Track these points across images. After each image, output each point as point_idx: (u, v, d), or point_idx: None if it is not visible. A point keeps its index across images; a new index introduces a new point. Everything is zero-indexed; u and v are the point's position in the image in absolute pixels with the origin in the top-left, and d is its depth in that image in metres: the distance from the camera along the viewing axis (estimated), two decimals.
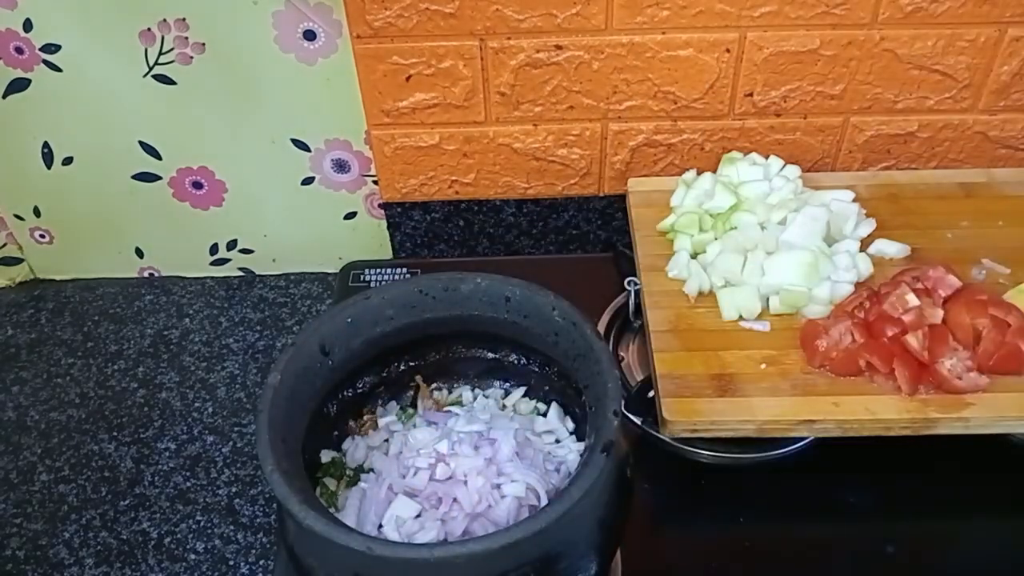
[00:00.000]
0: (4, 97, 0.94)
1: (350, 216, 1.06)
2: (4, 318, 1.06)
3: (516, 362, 0.74)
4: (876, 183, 0.97)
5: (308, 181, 1.02)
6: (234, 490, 0.87)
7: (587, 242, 1.07)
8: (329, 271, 1.10)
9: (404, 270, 1.04)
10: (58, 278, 1.11)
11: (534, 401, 0.77)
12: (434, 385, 0.77)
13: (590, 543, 0.60)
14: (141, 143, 0.98)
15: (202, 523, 0.84)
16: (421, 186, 1.02)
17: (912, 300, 0.78)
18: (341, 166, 1.01)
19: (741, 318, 0.84)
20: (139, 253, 1.09)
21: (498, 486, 0.64)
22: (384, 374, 0.74)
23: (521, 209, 1.04)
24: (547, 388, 0.76)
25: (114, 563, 0.81)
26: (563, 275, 0.81)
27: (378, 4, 0.87)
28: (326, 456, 0.71)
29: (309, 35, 0.90)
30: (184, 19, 0.89)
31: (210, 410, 0.94)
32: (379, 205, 1.05)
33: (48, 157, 1.00)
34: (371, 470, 0.70)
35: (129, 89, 0.93)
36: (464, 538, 0.61)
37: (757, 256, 0.86)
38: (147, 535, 0.83)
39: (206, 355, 1.00)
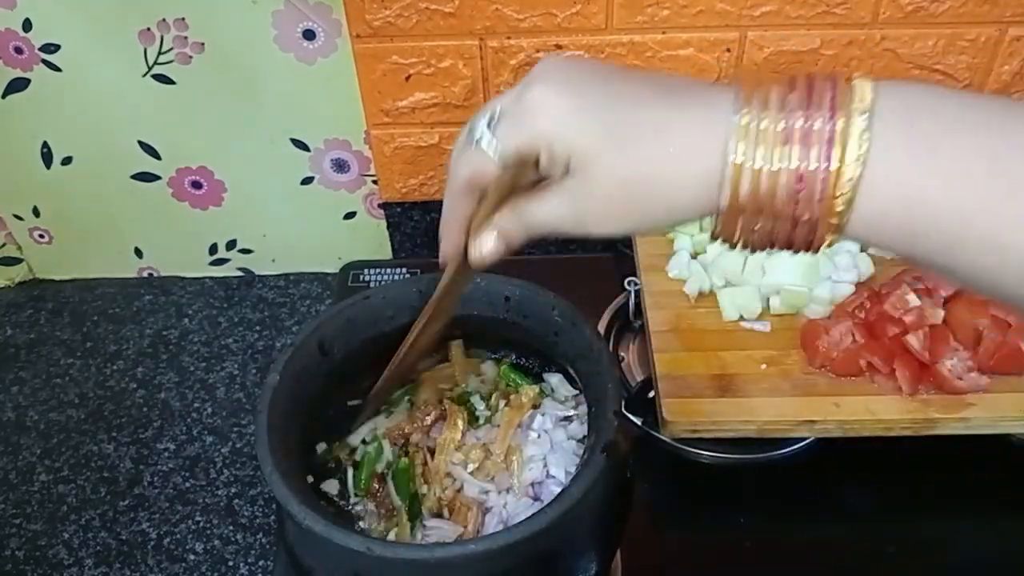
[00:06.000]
0: (4, 97, 0.94)
1: (349, 216, 1.06)
2: (3, 318, 1.06)
3: (516, 362, 0.74)
4: None
5: (307, 181, 1.02)
6: (233, 490, 0.86)
7: (587, 241, 1.07)
8: (329, 271, 1.10)
9: (404, 270, 1.03)
10: (57, 278, 1.11)
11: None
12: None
13: (590, 543, 0.60)
14: (140, 143, 0.98)
15: (201, 523, 0.84)
16: (421, 186, 1.02)
17: (913, 300, 0.78)
18: (340, 166, 1.01)
19: (742, 318, 0.84)
20: (138, 253, 1.09)
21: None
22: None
23: None
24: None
25: (113, 563, 0.81)
26: (563, 275, 0.81)
27: (378, 4, 0.87)
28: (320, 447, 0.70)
29: (308, 35, 0.90)
30: (183, 19, 0.88)
31: (209, 410, 0.94)
32: (379, 205, 1.04)
33: (47, 157, 0.99)
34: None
35: (129, 89, 0.93)
36: (464, 539, 0.61)
37: (758, 256, 0.85)
38: (146, 535, 0.83)
39: (205, 355, 1.00)
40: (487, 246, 0.50)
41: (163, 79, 0.93)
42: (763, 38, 0.90)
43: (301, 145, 0.99)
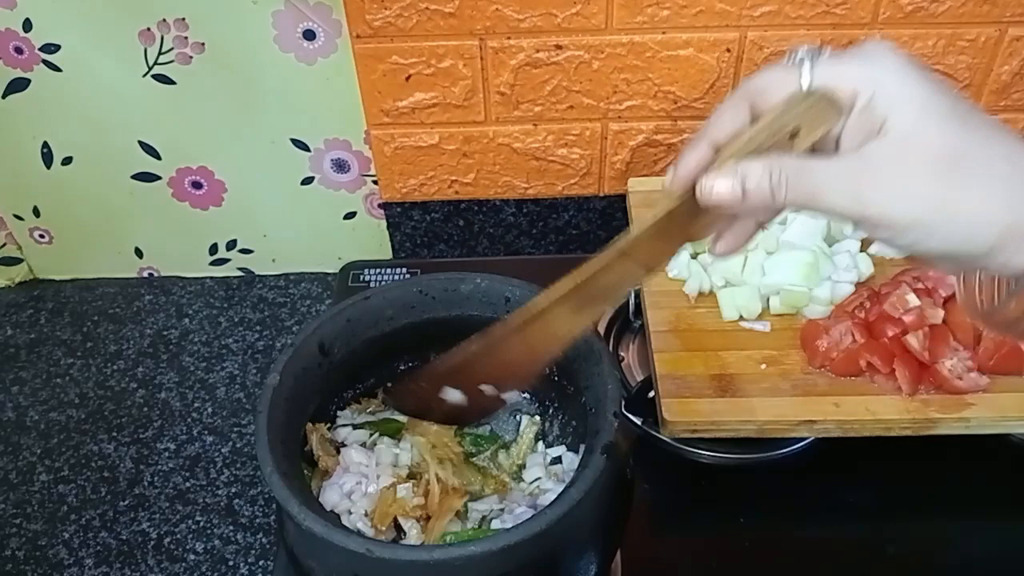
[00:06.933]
0: (4, 97, 0.94)
1: (350, 216, 1.06)
2: (3, 318, 1.06)
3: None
4: None
5: (308, 181, 1.02)
6: (234, 490, 0.87)
7: (587, 242, 1.07)
8: (329, 271, 1.10)
9: (404, 270, 1.04)
10: (57, 278, 1.11)
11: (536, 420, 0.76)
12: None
13: (590, 544, 0.60)
14: (141, 143, 0.98)
15: (202, 523, 0.84)
16: (421, 186, 1.02)
17: (913, 300, 0.78)
18: (341, 166, 1.01)
19: (741, 318, 0.84)
20: (138, 253, 1.09)
21: None
22: (384, 374, 0.74)
23: (521, 209, 1.04)
24: (550, 393, 0.76)
25: (114, 563, 0.81)
26: (563, 275, 0.81)
27: (378, 4, 0.87)
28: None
29: (309, 35, 0.90)
30: (184, 19, 0.88)
31: (209, 410, 0.94)
32: (379, 205, 1.04)
33: (48, 157, 0.99)
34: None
35: (129, 89, 0.93)
36: (465, 540, 0.61)
37: (757, 256, 0.85)
38: (147, 535, 0.83)
39: (205, 355, 1.00)
40: (721, 186, 0.41)
41: (163, 79, 0.93)
42: (763, 38, 0.90)
43: (301, 145, 0.99)
